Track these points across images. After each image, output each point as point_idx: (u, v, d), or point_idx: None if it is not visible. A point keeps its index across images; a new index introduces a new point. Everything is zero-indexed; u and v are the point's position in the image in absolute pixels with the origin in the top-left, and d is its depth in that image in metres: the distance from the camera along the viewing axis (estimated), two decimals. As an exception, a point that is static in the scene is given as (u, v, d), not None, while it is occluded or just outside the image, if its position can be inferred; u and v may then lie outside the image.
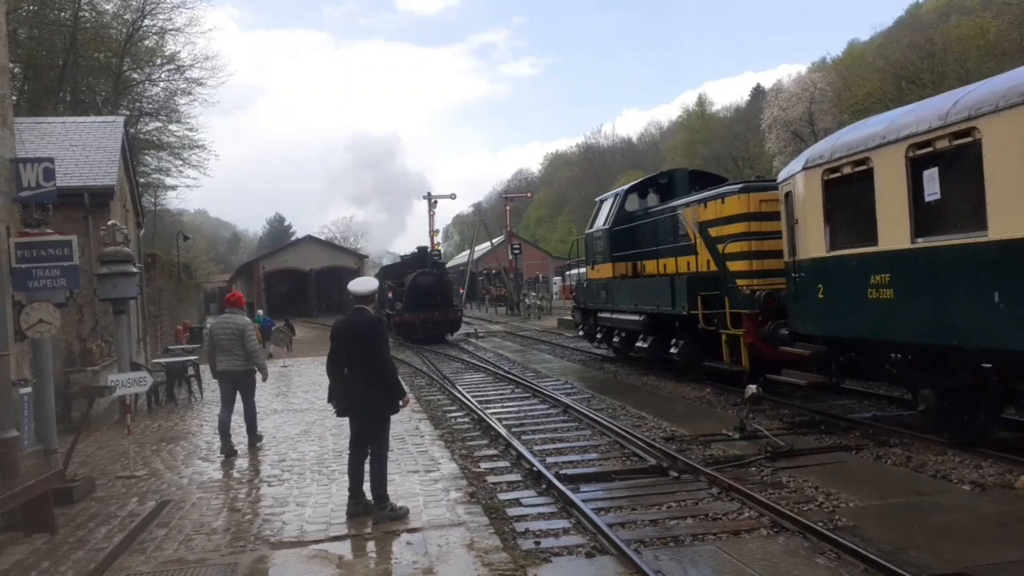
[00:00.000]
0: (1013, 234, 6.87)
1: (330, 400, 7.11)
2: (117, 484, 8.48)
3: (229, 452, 9.69)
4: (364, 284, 7.14)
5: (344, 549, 6.06)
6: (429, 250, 35.49)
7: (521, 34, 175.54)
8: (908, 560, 5.48)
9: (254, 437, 10.12)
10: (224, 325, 10.04)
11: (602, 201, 18.99)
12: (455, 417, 12.58)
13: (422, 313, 28.47)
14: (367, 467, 6.85)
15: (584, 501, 7.13)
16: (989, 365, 7.81)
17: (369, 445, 6.86)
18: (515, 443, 9.77)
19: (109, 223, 12.04)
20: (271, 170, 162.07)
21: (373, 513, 6.70)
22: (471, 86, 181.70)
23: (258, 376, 10.15)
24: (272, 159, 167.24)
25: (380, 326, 7.00)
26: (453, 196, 53.88)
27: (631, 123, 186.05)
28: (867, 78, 43.41)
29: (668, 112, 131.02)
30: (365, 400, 6.78)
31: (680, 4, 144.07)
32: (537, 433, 10.76)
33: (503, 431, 10.61)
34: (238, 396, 9.96)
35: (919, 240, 8.03)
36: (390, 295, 30.34)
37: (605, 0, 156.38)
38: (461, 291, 50.83)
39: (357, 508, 6.81)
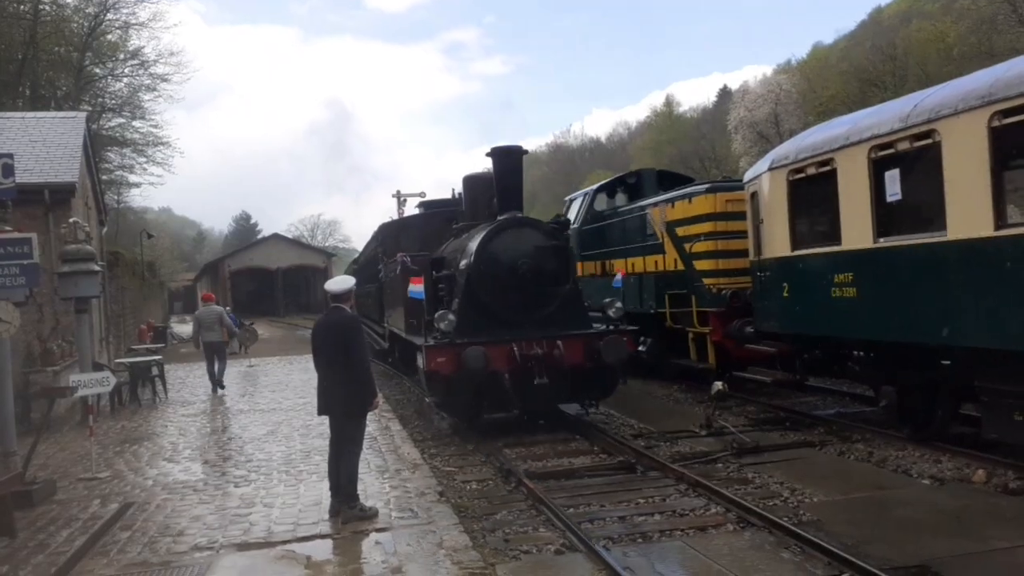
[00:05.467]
0: (971, 234, 7.03)
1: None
2: (79, 486, 8.31)
3: (215, 388, 15.28)
4: (340, 283, 7.15)
5: (312, 549, 6.01)
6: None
7: (492, 32, 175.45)
8: (870, 553, 5.59)
9: (220, 382, 15.45)
10: (208, 312, 16.16)
11: (571, 200, 19.03)
12: (425, 416, 12.54)
13: (520, 341, 10.05)
14: None
15: (553, 499, 7.17)
16: (948, 362, 8.01)
17: (343, 443, 6.85)
18: (484, 441, 9.77)
19: (70, 220, 11.84)
20: (237, 167, 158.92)
21: (342, 512, 6.67)
22: (442, 83, 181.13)
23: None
24: (238, 156, 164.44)
25: (356, 324, 7.01)
26: (423, 195, 53.61)
27: (600, 123, 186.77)
28: (831, 80, 44.11)
29: (636, 112, 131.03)
30: (341, 398, 6.79)
31: (649, 5, 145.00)
32: (506, 431, 10.76)
33: (472, 430, 10.60)
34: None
35: (881, 240, 8.19)
36: (413, 286, 11.08)
37: (575, 0, 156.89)
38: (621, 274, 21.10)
39: (340, 505, 6.77)
